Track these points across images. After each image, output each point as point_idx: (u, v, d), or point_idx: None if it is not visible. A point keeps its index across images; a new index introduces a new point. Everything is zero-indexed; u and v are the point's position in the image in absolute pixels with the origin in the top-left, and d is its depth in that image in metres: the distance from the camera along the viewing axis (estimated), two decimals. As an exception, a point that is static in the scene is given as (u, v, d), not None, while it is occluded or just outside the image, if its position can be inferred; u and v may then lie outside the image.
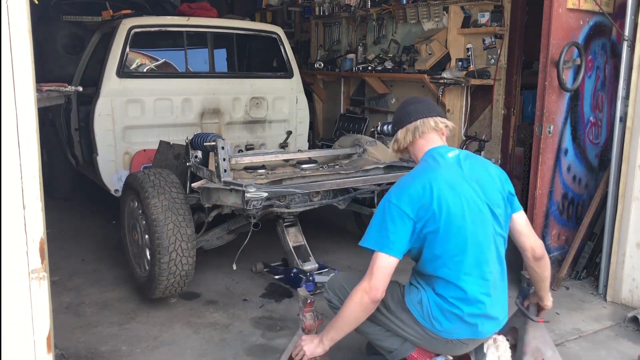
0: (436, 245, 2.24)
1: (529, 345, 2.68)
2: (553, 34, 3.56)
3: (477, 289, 2.27)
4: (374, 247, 2.25)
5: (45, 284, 1.78)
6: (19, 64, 1.67)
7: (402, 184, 2.32)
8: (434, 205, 2.21)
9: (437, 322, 2.30)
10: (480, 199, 2.29)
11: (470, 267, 2.26)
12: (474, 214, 2.26)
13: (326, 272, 3.80)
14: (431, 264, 2.29)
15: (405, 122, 2.40)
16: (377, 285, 2.22)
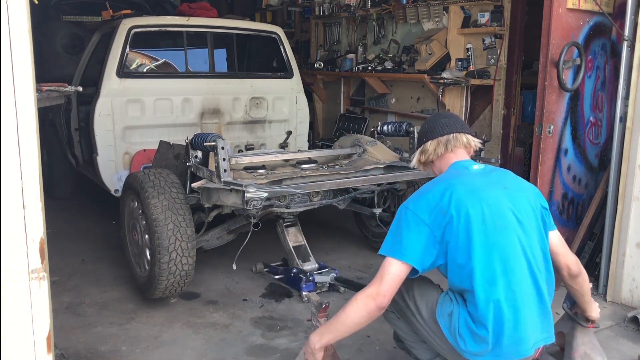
0: (458, 253, 2.14)
1: (578, 350, 2.65)
2: (553, 34, 3.56)
3: (503, 301, 2.11)
4: (386, 253, 2.19)
5: (45, 284, 1.78)
6: (19, 64, 1.67)
7: (420, 191, 2.27)
8: (451, 209, 2.12)
9: (462, 341, 2.16)
10: (503, 205, 2.18)
11: (495, 276, 2.12)
12: (495, 218, 2.15)
13: (326, 272, 3.80)
14: (457, 276, 2.18)
15: (437, 134, 2.35)
16: (385, 292, 2.14)
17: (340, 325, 2.24)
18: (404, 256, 2.15)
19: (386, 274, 2.16)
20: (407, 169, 3.93)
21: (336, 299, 3.73)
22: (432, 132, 2.37)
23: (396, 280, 2.16)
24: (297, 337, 3.24)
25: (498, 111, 4.98)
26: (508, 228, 2.16)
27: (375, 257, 4.52)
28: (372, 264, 4.43)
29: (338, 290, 3.81)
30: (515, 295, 2.12)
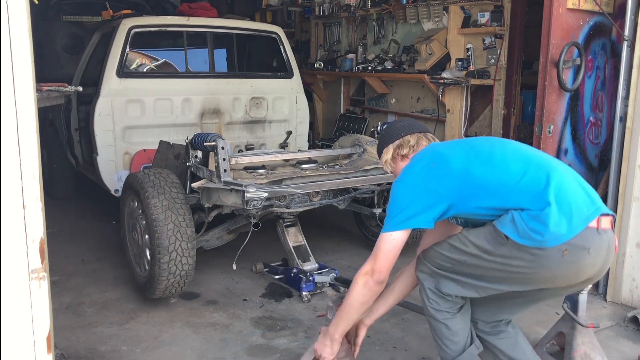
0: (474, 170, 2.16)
1: (578, 350, 2.65)
2: (553, 34, 3.56)
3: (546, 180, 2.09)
4: (387, 230, 2.25)
5: (45, 284, 1.78)
6: (19, 64, 1.67)
7: (405, 169, 2.36)
8: (439, 154, 2.26)
9: (537, 234, 2.03)
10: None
11: (518, 167, 2.15)
12: (486, 143, 2.33)
13: (326, 272, 3.81)
14: (486, 193, 2.15)
15: (415, 130, 2.47)
16: (381, 268, 2.24)
17: (350, 309, 2.35)
18: (410, 223, 2.21)
19: (380, 250, 2.24)
20: (407, 169, 3.93)
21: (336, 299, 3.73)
22: (410, 128, 2.48)
23: (393, 253, 2.24)
24: (297, 337, 3.24)
25: (498, 111, 4.98)
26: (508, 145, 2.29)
27: (375, 257, 4.51)
28: (372, 264, 4.42)
29: (338, 290, 3.80)
30: (550, 173, 2.12)
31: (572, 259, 2.04)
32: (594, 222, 2.06)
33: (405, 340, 3.23)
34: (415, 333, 3.31)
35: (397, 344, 3.18)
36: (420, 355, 3.08)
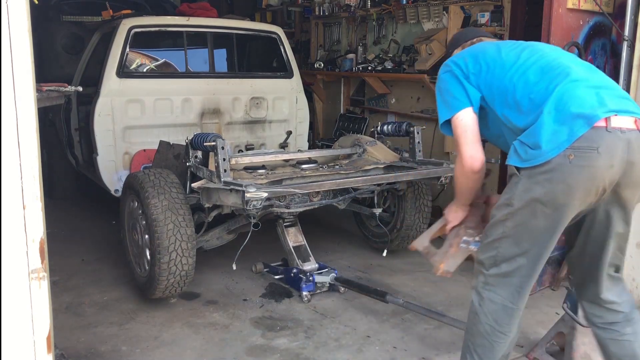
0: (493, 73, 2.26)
1: (578, 350, 2.65)
2: (553, 34, 3.56)
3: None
4: (447, 117, 2.33)
5: (45, 284, 1.78)
6: (19, 64, 1.67)
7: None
8: (475, 55, 2.36)
9: (535, 148, 2.03)
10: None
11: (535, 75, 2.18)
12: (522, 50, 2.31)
13: (326, 272, 3.81)
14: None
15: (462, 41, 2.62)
16: (470, 153, 2.28)
17: (461, 193, 2.51)
18: (461, 105, 2.30)
19: (459, 135, 2.29)
20: (407, 169, 3.93)
21: (336, 299, 3.74)
22: (476, 33, 2.66)
23: (469, 131, 2.28)
24: (297, 337, 3.24)
25: (498, 111, 4.98)
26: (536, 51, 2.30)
27: (375, 257, 4.52)
28: (372, 264, 4.43)
29: (338, 290, 3.81)
30: (560, 81, 2.11)
31: (581, 162, 1.97)
32: (600, 122, 1.98)
33: (405, 340, 3.23)
34: (415, 333, 3.31)
35: (397, 344, 3.18)
36: (420, 355, 3.08)
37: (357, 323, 3.43)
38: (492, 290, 2.23)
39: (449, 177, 3.87)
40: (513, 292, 2.21)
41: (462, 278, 4.17)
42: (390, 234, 4.38)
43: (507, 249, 2.18)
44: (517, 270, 2.19)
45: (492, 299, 2.23)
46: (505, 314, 2.22)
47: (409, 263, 4.47)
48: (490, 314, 2.23)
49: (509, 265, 2.19)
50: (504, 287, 2.22)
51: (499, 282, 2.22)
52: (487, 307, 2.24)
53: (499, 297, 2.22)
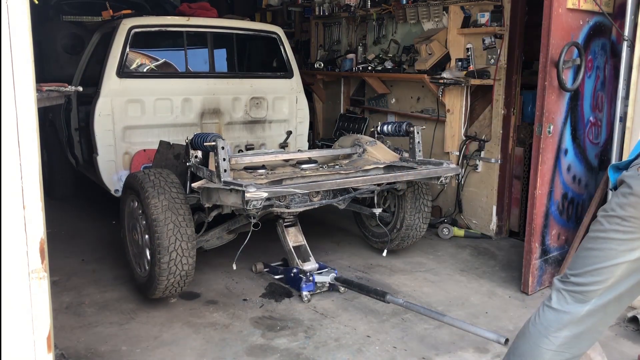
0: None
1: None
2: (553, 34, 3.56)
3: None
4: None
5: (45, 284, 1.78)
6: (19, 64, 1.67)
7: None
8: None
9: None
10: None
11: None
12: None
13: (326, 272, 3.81)
14: None
15: None
16: None
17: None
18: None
19: None
20: (407, 169, 3.93)
21: (336, 299, 3.74)
22: None
23: None
24: (297, 337, 3.24)
25: (498, 111, 4.98)
26: None
27: (375, 257, 4.52)
28: (372, 264, 4.43)
29: (338, 290, 3.81)
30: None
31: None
32: None
33: (405, 340, 3.23)
34: (415, 333, 3.31)
35: (397, 344, 3.18)
36: (420, 355, 3.08)
37: (357, 323, 3.43)
38: None
39: (448, 177, 3.88)
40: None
41: (462, 278, 4.17)
42: (390, 234, 4.38)
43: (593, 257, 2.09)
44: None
45: None
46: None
47: (409, 263, 4.47)
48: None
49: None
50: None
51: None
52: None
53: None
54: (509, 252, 4.78)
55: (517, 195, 5.10)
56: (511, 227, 5.19)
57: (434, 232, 5.17)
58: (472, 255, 4.72)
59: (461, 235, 5.14)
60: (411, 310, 3.31)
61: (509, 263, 4.50)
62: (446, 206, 5.53)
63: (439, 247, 4.90)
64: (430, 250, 4.81)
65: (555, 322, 2.11)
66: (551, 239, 3.95)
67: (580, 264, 2.08)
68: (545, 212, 3.84)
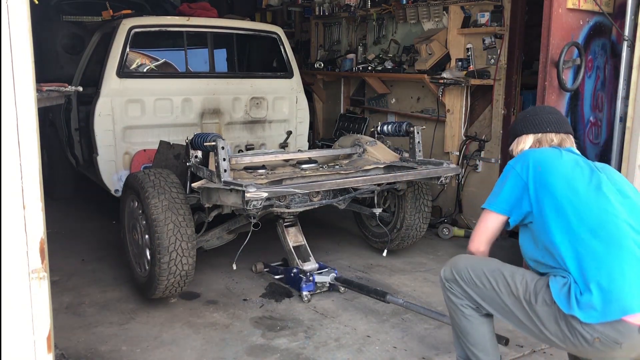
0: (548, 207, 2.17)
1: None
2: (553, 34, 3.56)
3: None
4: (483, 206, 2.38)
5: (45, 284, 1.78)
6: (19, 64, 1.67)
7: (523, 154, 2.37)
8: (545, 163, 2.25)
9: (584, 307, 2.00)
10: (601, 177, 2.22)
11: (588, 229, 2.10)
12: (589, 179, 2.20)
13: (326, 272, 3.81)
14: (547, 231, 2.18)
15: (553, 128, 2.39)
16: (478, 242, 2.40)
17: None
18: (497, 208, 2.33)
19: (480, 224, 2.40)
20: (407, 169, 3.93)
21: (336, 299, 3.74)
22: (558, 126, 2.39)
23: (489, 231, 2.38)
24: (297, 337, 3.24)
25: (498, 111, 4.97)
26: (602, 190, 2.16)
27: (375, 257, 4.52)
28: (372, 264, 4.43)
29: (338, 290, 3.81)
30: (620, 244, 2.05)
31: (602, 347, 2.00)
32: (633, 318, 1.94)
33: (405, 340, 3.23)
34: (415, 333, 3.31)
35: (397, 344, 3.18)
36: (420, 355, 3.08)
37: (357, 323, 3.43)
38: None
39: (449, 177, 3.88)
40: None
41: (462, 278, 4.16)
42: (390, 234, 4.38)
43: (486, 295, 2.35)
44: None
45: None
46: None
47: (409, 263, 4.47)
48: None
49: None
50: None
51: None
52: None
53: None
54: (509, 253, 4.76)
55: (517, 195, 5.09)
56: (511, 227, 5.18)
57: (434, 232, 5.17)
58: (472, 255, 4.71)
59: (461, 235, 5.14)
60: (411, 310, 3.31)
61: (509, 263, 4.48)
62: (446, 206, 5.53)
63: (439, 247, 4.90)
64: (431, 250, 4.80)
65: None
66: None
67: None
68: (545, 212, 3.83)
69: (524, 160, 2.30)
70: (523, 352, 3.05)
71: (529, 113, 2.47)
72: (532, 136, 2.40)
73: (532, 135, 2.40)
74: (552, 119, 2.40)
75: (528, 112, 2.48)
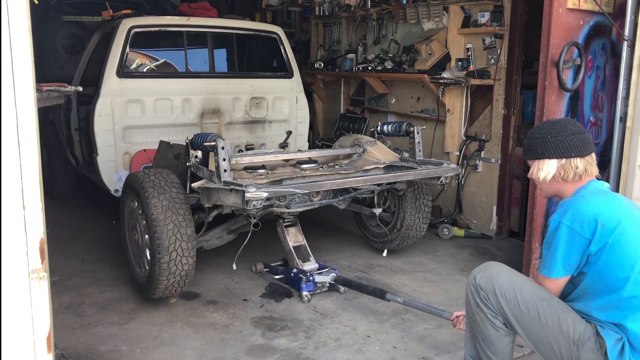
0: (616, 266, 2.12)
1: None
2: (553, 34, 3.56)
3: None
4: (546, 274, 2.27)
5: (45, 284, 1.78)
6: (19, 64, 1.67)
7: (572, 205, 2.21)
8: (609, 223, 2.12)
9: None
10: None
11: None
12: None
13: (326, 272, 3.81)
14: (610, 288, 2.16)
15: (587, 151, 2.25)
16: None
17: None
18: (558, 274, 2.23)
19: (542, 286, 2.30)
20: (407, 169, 3.93)
21: (336, 299, 3.74)
22: (582, 149, 2.24)
23: (555, 292, 2.28)
24: (297, 337, 3.24)
25: (498, 111, 4.97)
26: None
27: (375, 257, 4.52)
28: (372, 264, 4.43)
29: (338, 290, 3.81)
30: None
31: None
32: None
33: (405, 340, 3.23)
34: (415, 333, 3.31)
35: (397, 344, 3.18)
36: (420, 355, 3.08)
37: (357, 323, 3.43)
38: None
39: (449, 177, 3.88)
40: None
41: (462, 278, 4.17)
42: (390, 234, 4.38)
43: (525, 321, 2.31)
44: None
45: None
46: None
47: (409, 263, 4.47)
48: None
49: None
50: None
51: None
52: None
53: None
54: (509, 252, 4.78)
55: (517, 195, 5.10)
56: (511, 227, 5.19)
57: (434, 232, 5.17)
58: (473, 255, 4.72)
59: (461, 235, 5.14)
60: (411, 307, 3.31)
61: (509, 263, 4.45)
62: (446, 206, 5.53)
63: (439, 247, 4.90)
64: (431, 250, 4.81)
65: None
66: (551, 239, 3.94)
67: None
68: (545, 212, 3.83)
69: (581, 216, 2.15)
70: (523, 352, 3.05)
71: (550, 133, 2.26)
72: (556, 162, 2.24)
73: (555, 160, 2.24)
74: (577, 141, 2.22)
75: (549, 131, 2.27)
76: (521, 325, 2.27)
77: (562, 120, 2.30)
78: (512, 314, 2.27)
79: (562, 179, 2.26)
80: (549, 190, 2.35)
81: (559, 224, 2.17)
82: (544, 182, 2.31)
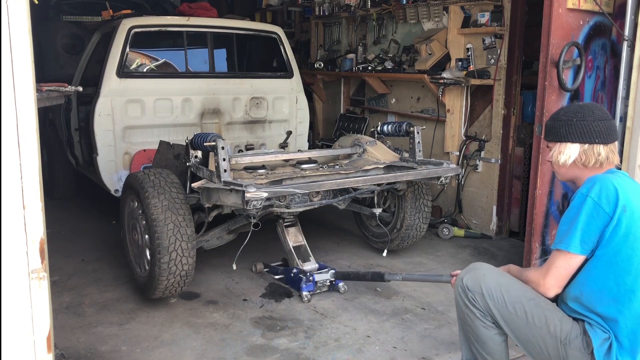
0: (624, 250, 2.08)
1: None
2: (553, 34, 3.56)
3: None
4: (557, 246, 2.17)
5: (45, 284, 1.78)
6: (19, 64, 1.67)
7: (596, 182, 2.14)
8: (623, 204, 2.07)
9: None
10: None
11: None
12: None
13: (326, 272, 3.81)
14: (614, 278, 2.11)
15: (612, 138, 2.21)
16: (549, 285, 2.21)
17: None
18: (575, 249, 2.13)
19: (556, 267, 2.18)
20: (407, 169, 3.93)
21: (336, 299, 3.74)
22: (607, 136, 2.19)
23: (564, 274, 2.17)
24: (297, 337, 3.24)
25: (498, 111, 4.97)
26: None
27: (375, 257, 4.52)
28: (372, 264, 4.43)
29: (338, 290, 3.81)
30: None
31: None
32: None
33: (405, 340, 3.23)
34: (415, 333, 3.31)
35: (397, 344, 3.18)
36: (420, 355, 3.08)
37: (357, 323, 3.43)
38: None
39: (448, 177, 3.88)
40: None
41: (462, 278, 4.17)
42: (390, 234, 4.38)
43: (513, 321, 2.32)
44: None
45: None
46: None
47: (409, 263, 4.47)
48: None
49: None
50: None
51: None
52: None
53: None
54: (509, 252, 4.78)
55: (517, 195, 5.10)
56: (511, 227, 5.19)
57: (434, 232, 5.17)
58: (473, 255, 4.72)
59: (461, 235, 5.14)
60: (410, 280, 3.42)
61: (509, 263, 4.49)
62: (446, 206, 5.53)
63: (439, 247, 4.90)
64: (430, 250, 4.81)
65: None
66: (551, 239, 3.94)
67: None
68: (545, 212, 3.84)
69: (608, 192, 2.10)
70: (523, 352, 3.04)
71: (575, 116, 2.21)
72: (579, 146, 2.19)
73: (578, 144, 2.19)
74: (602, 127, 2.17)
75: (575, 114, 2.22)
76: (509, 325, 2.27)
77: (590, 105, 2.26)
78: (500, 314, 2.27)
79: (582, 164, 2.21)
80: (566, 174, 2.30)
81: (585, 197, 2.11)
82: (563, 166, 2.25)
